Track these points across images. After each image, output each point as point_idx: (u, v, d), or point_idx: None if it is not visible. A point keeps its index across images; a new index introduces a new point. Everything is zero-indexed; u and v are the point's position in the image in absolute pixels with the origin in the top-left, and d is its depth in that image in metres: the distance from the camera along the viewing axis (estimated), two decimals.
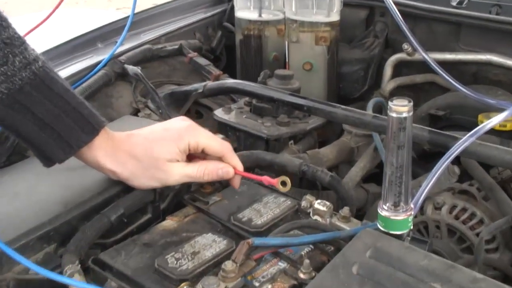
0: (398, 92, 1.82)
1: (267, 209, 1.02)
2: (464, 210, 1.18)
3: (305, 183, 1.44)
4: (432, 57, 1.14)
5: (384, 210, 0.81)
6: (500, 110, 1.09)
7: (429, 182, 0.90)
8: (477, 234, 1.16)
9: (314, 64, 1.74)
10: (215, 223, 0.99)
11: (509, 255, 1.17)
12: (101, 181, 1.00)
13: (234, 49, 2.02)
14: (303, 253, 0.90)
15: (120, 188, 0.99)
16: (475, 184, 1.26)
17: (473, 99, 1.57)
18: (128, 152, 0.95)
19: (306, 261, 0.83)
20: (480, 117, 1.40)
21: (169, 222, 0.99)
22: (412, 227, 0.83)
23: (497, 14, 1.62)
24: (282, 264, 0.87)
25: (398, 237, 0.81)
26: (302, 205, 1.02)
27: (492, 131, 1.31)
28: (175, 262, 0.84)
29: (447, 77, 1.12)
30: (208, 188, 1.12)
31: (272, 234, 0.89)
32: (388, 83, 1.81)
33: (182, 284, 0.76)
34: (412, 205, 0.82)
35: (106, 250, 0.90)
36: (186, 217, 1.01)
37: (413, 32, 0.92)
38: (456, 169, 1.20)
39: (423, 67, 1.79)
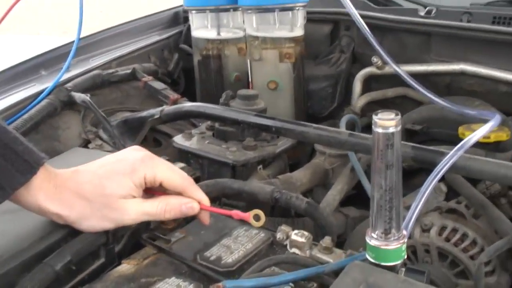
0: (369, 108, 1.76)
1: (238, 245, 0.92)
2: (454, 231, 1.10)
3: (277, 210, 1.35)
4: (403, 69, 1.07)
5: (373, 239, 0.72)
6: (481, 120, 1.04)
7: (418, 203, 0.83)
8: (471, 257, 1.08)
9: (279, 82, 1.67)
10: (179, 264, 0.89)
11: (507, 277, 1.10)
12: (43, 225, 0.88)
13: (193, 72, 1.93)
14: None
15: (66, 231, 0.87)
16: (462, 201, 1.18)
17: (450, 111, 1.52)
18: (75, 192, 0.84)
19: None
20: (460, 129, 1.33)
21: (126, 267, 0.88)
22: (406, 256, 0.74)
23: (468, 22, 1.58)
24: None
25: (391, 268, 0.72)
26: (278, 237, 0.92)
27: (475, 144, 1.26)
28: None
29: (421, 89, 1.05)
30: (169, 224, 1.01)
31: (245, 275, 0.79)
32: (359, 99, 1.74)
33: None
34: (404, 232, 0.74)
35: None
36: (145, 259, 0.90)
37: (382, 44, 0.86)
38: (443, 187, 1.13)
39: (394, 80, 1.75)
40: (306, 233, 0.92)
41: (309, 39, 1.81)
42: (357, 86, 1.79)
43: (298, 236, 0.91)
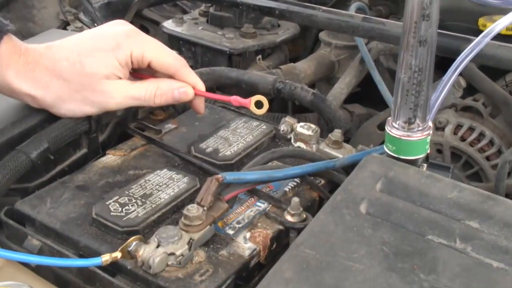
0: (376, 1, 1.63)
1: (237, 137, 0.84)
2: (471, 129, 1.03)
3: (276, 106, 1.27)
4: None
5: (394, 129, 0.65)
6: (504, 11, 0.94)
7: (441, 92, 0.75)
8: (488, 158, 1.02)
9: None
10: (171, 157, 0.81)
11: None
12: (16, 109, 0.79)
13: None
14: (287, 189, 0.73)
15: (42, 116, 0.78)
16: (479, 99, 1.10)
17: (469, 1, 1.42)
18: (50, 70, 0.74)
19: (295, 199, 0.66)
20: (481, 20, 1.23)
21: (111, 158, 0.80)
22: (429, 150, 0.67)
23: None
24: (262, 205, 0.70)
25: (413, 163, 0.65)
26: (282, 129, 0.85)
27: (496, 38, 1.16)
28: (120, 209, 0.66)
29: None
30: (159, 115, 0.93)
31: (246, 168, 0.72)
32: None
33: (131, 239, 0.58)
34: (430, 123, 0.66)
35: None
36: (133, 151, 0.82)
37: None
38: (462, 81, 1.04)
39: None
40: (313, 125, 0.84)
41: None
42: None
43: (304, 128, 0.84)
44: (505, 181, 0.81)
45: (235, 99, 0.80)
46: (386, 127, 0.66)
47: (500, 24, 0.82)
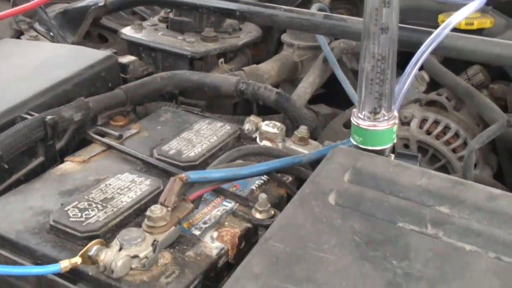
0: (336, 5, 1.64)
1: (200, 138, 0.82)
2: (436, 123, 1.03)
3: (240, 109, 1.25)
4: None
5: (360, 120, 0.64)
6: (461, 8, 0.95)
7: (405, 81, 0.75)
8: (454, 150, 1.02)
9: None
10: (134, 161, 0.79)
11: (489, 171, 1.05)
12: None
13: None
14: (254, 187, 0.72)
15: None
16: (443, 93, 1.11)
17: (428, 0, 1.43)
18: None
19: (262, 195, 0.65)
20: (441, 17, 1.24)
21: (70, 165, 0.77)
22: (396, 140, 0.66)
23: None
24: (229, 204, 0.69)
25: (381, 153, 0.65)
26: (246, 128, 0.83)
27: (458, 31, 1.17)
28: (80, 214, 0.63)
29: None
30: (120, 121, 0.91)
31: (211, 166, 0.70)
32: None
33: (92, 243, 0.56)
34: (396, 113, 0.65)
35: None
36: (93, 157, 0.79)
37: None
38: (425, 75, 1.05)
39: None
40: (278, 123, 0.83)
41: None
42: None
43: (269, 127, 0.82)
44: (472, 170, 0.81)
45: None
46: (351, 119, 0.65)
47: (458, 16, 0.82)
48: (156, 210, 0.58)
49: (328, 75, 1.19)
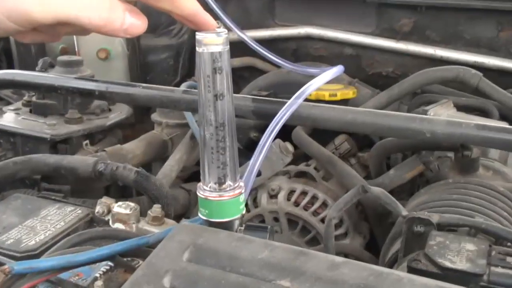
0: None
1: (46, 224, 0.76)
2: (304, 193, 1.03)
3: (114, 191, 1.20)
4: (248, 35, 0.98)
5: (206, 192, 0.61)
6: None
7: (258, 156, 0.73)
8: (322, 220, 1.02)
9: (110, 51, 1.50)
10: None
11: (360, 239, 1.05)
12: None
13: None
14: (98, 275, 0.65)
15: None
16: (312, 164, 1.12)
17: (297, 75, 1.48)
18: None
19: (98, 283, 0.59)
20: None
21: None
22: (244, 211, 0.64)
23: None
24: None
25: (229, 226, 0.62)
26: (97, 211, 0.78)
27: (323, 103, 1.20)
28: None
29: (266, 52, 0.96)
30: None
31: (47, 254, 0.63)
32: None
33: None
34: (242, 183, 0.63)
35: None
36: None
37: (224, 11, 0.77)
38: (290, 146, 1.05)
39: (239, 49, 1.66)
40: (132, 204, 0.78)
41: (149, 9, 1.67)
42: None
43: (121, 208, 0.77)
44: (332, 239, 0.80)
45: None
46: (197, 192, 0.62)
47: (312, 85, 0.84)
48: None
49: (196, 150, 1.17)
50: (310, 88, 0.85)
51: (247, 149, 1.41)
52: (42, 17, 0.53)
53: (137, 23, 0.59)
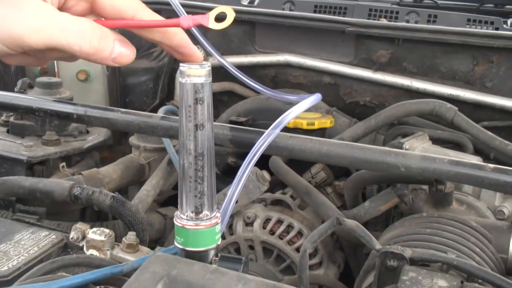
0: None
1: (19, 249, 0.75)
2: (279, 222, 1.04)
3: (90, 215, 1.19)
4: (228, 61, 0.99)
5: (183, 220, 0.61)
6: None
7: (236, 187, 0.73)
8: (297, 249, 1.02)
9: (90, 73, 1.50)
10: None
11: (334, 269, 1.06)
12: None
13: None
14: None
15: None
16: (288, 192, 1.13)
17: (275, 102, 1.50)
18: None
19: None
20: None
21: None
22: (220, 241, 0.64)
23: (290, 10, 1.57)
24: None
25: (204, 255, 0.62)
26: (71, 237, 0.77)
27: (300, 132, 1.22)
28: None
29: (245, 78, 0.98)
30: None
31: (20, 282, 0.63)
32: None
33: None
34: (219, 213, 0.64)
35: None
36: None
37: (205, 36, 0.78)
38: (266, 175, 1.06)
39: (219, 74, 1.68)
40: (107, 230, 0.78)
41: (130, 32, 1.68)
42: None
43: (96, 234, 0.77)
44: (307, 270, 0.80)
45: (186, 19, 0.62)
46: (174, 220, 0.62)
47: (288, 115, 0.85)
48: None
49: (173, 175, 1.17)
50: (288, 117, 0.85)
51: (224, 174, 1.42)
52: (35, 43, 0.56)
53: (125, 53, 0.61)
